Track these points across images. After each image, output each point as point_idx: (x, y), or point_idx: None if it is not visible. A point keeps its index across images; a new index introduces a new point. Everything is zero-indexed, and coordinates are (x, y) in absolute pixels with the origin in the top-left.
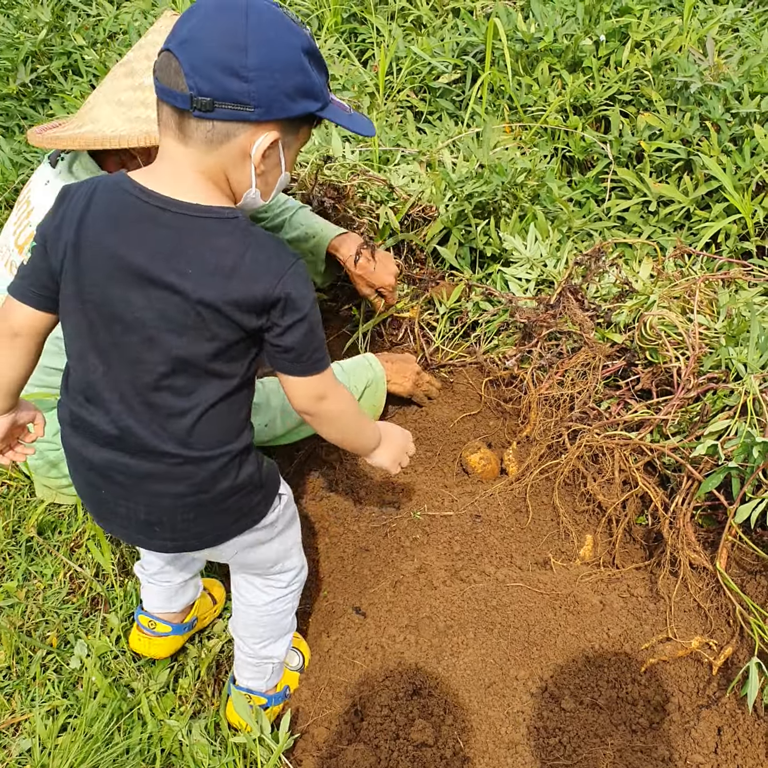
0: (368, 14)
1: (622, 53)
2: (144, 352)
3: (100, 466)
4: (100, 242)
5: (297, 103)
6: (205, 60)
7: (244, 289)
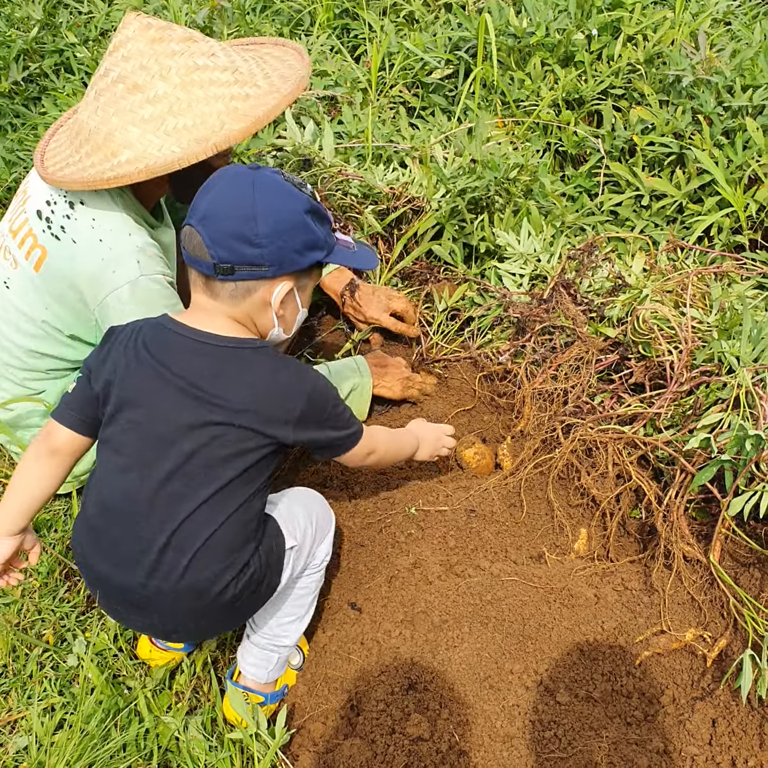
0: (360, 10)
1: (614, 47)
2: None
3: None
4: (150, 366)
5: (305, 256)
6: (222, 233)
7: (278, 406)
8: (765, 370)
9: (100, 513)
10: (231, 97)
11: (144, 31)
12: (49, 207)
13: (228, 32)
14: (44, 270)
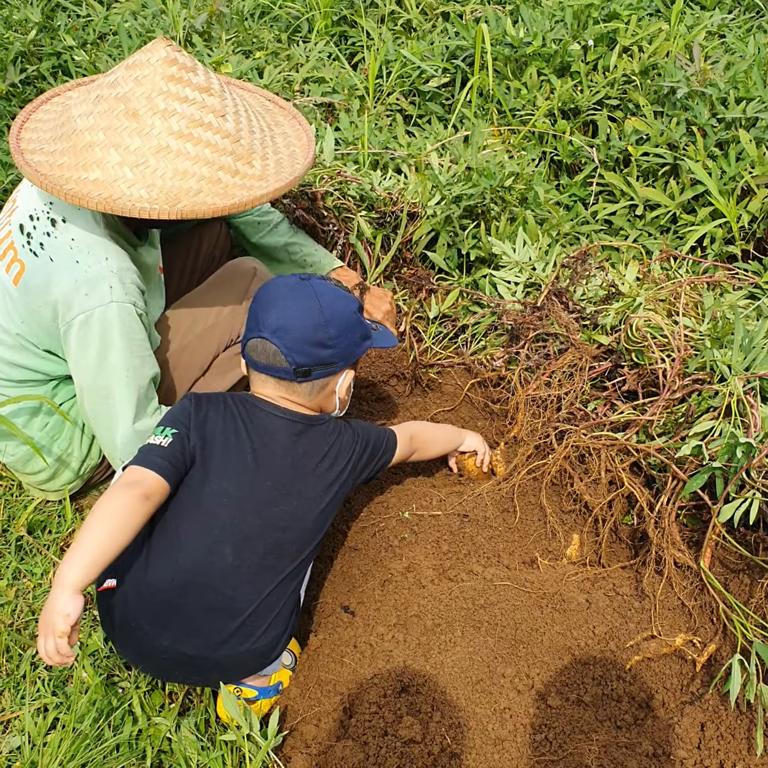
0: (358, 17)
1: (609, 58)
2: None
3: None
4: (235, 443)
5: (361, 347)
6: (297, 341)
7: (355, 471)
8: (756, 378)
9: (179, 585)
10: (219, 167)
11: (166, 65)
12: (32, 222)
13: (226, 37)
14: (22, 285)
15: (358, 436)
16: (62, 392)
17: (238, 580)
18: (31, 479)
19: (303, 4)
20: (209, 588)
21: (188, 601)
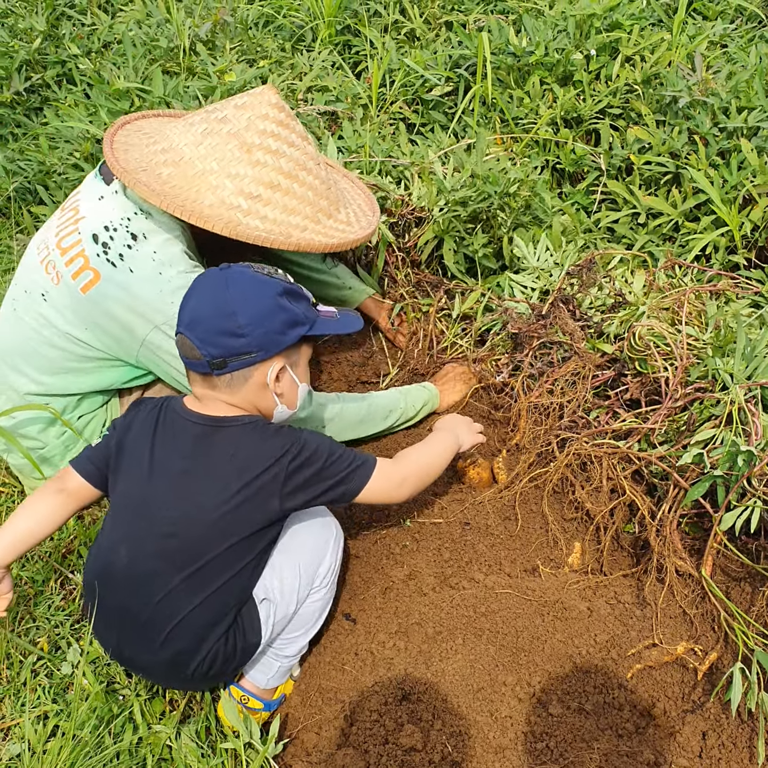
0: (362, 27)
1: (612, 67)
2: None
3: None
4: (140, 447)
5: (287, 335)
6: (207, 332)
7: (266, 483)
8: (757, 387)
9: (100, 579)
10: (319, 209)
11: (276, 111)
12: (108, 233)
13: (230, 46)
14: (94, 293)
15: (293, 445)
16: (84, 405)
17: (134, 582)
18: (36, 484)
19: (307, 13)
20: (116, 588)
21: (106, 601)
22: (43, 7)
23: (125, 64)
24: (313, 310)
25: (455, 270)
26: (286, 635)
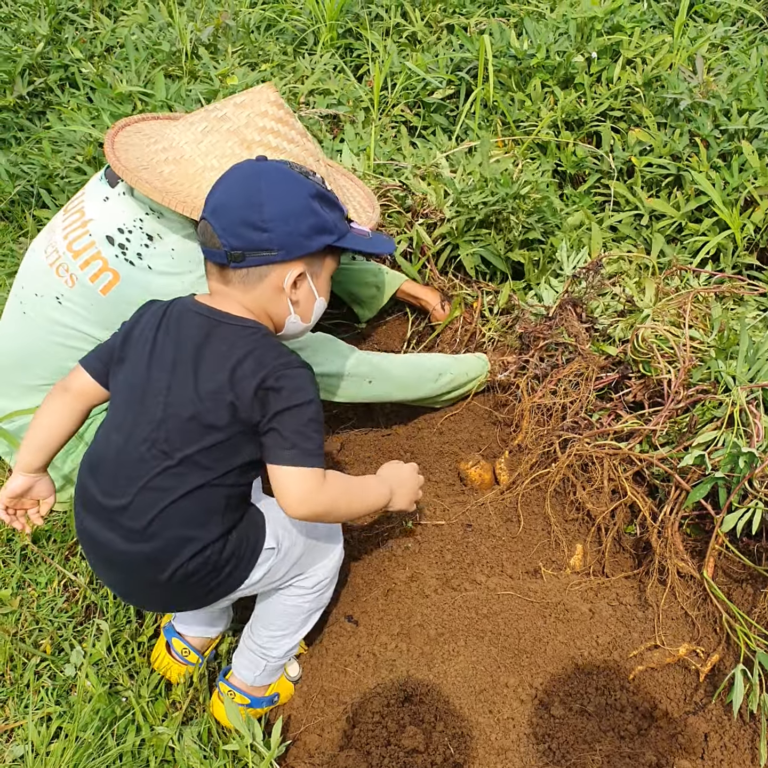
0: (363, 30)
1: (613, 70)
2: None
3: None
4: (144, 337)
5: (313, 240)
6: (231, 221)
7: (247, 378)
8: (759, 389)
9: (92, 467)
10: None
11: (275, 108)
12: (123, 235)
13: (233, 50)
14: (114, 293)
15: (283, 367)
16: None
17: (122, 467)
18: None
19: (308, 17)
20: (105, 475)
21: (97, 488)
22: (45, 12)
23: (128, 67)
24: (345, 223)
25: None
26: (271, 632)
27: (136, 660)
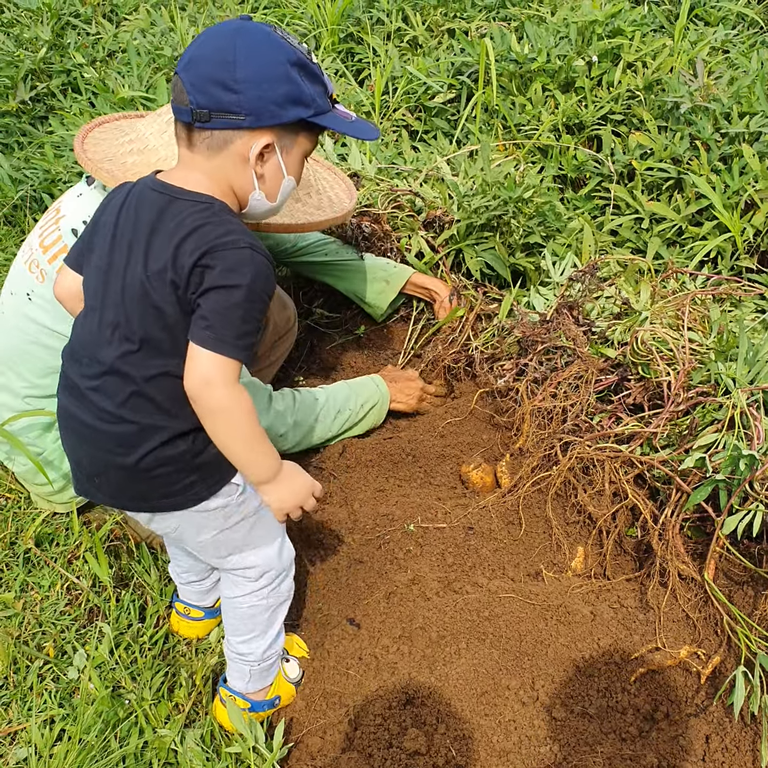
0: (365, 34)
1: (614, 74)
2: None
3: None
4: (109, 222)
5: (286, 110)
6: (201, 77)
7: (187, 254)
8: (760, 391)
9: (71, 352)
10: None
11: None
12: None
13: None
14: None
15: (227, 246)
16: None
17: (94, 346)
18: (40, 490)
19: (310, 21)
20: (79, 358)
21: (74, 370)
22: (48, 17)
23: (130, 72)
24: (326, 100)
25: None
26: (240, 637)
27: (138, 662)
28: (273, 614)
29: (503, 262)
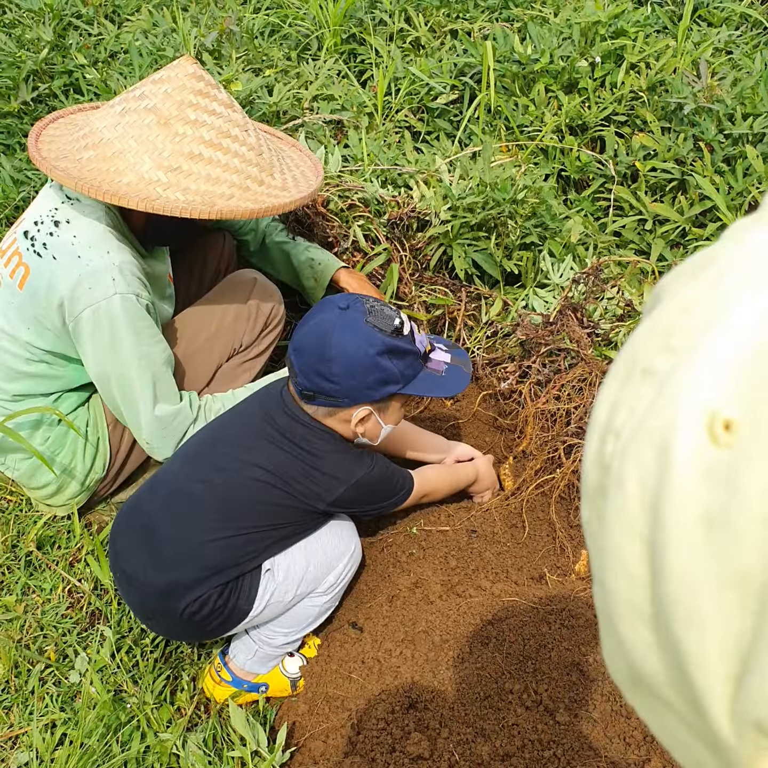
0: (367, 35)
1: (617, 75)
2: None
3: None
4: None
5: (378, 390)
6: (306, 366)
7: (316, 486)
8: None
9: (147, 489)
10: (247, 176)
11: (194, 80)
12: (36, 227)
13: (236, 56)
14: (27, 288)
15: (355, 479)
16: (63, 405)
17: (172, 496)
18: (37, 494)
19: (312, 22)
20: (154, 497)
21: (142, 506)
22: (50, 18)
23: (132, 73)
24: (416, 363)
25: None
26: (274, 627)
27: (140, 666)
28: (316, 618)
29: (494, 261)
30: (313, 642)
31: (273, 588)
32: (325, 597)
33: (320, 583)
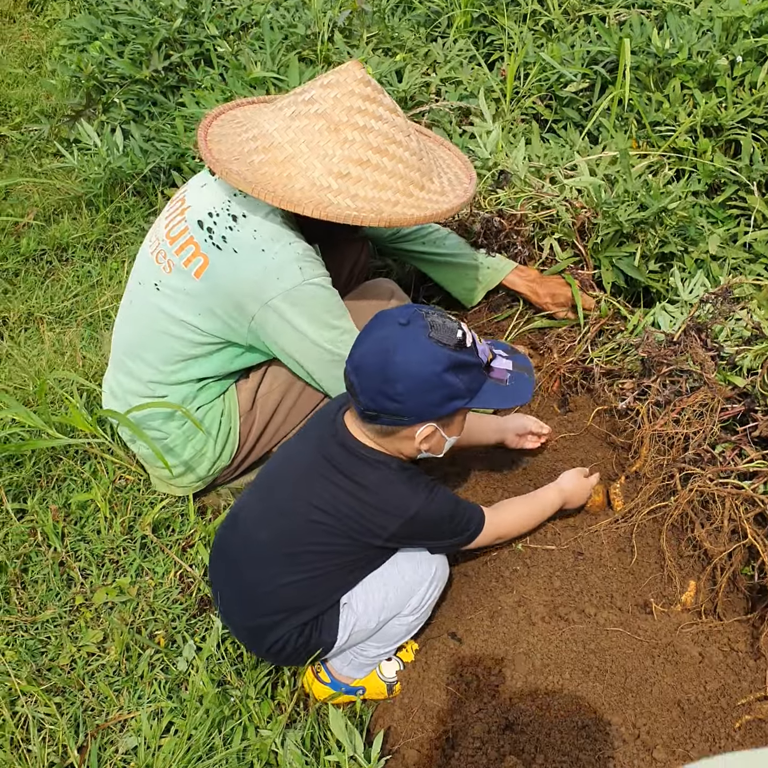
0: (499, 15)
1: (758, 74)
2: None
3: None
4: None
5: (444, 407)
6: (368, 386)
7: (372, 520)
8: None
9: (226, 529)
10: (410, 181)
11: (362, 86)
12: (212, 218)
13: (367, 35)
14: (205, 278)
15: (414, 511)
16: (204, 395)
17: (247, 544)
18: (160, 473)
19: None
20: (233, 545)
21: (228, 553)
22: None
23: (263, 48)
24: (480, 375)
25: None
26: (366, 642)
27: (243, 658)
28: (405, 636)
29: (641, 272)
30: (411, 647)
31: (354, 620)
32: (411, 617)
33: (403, 607)
